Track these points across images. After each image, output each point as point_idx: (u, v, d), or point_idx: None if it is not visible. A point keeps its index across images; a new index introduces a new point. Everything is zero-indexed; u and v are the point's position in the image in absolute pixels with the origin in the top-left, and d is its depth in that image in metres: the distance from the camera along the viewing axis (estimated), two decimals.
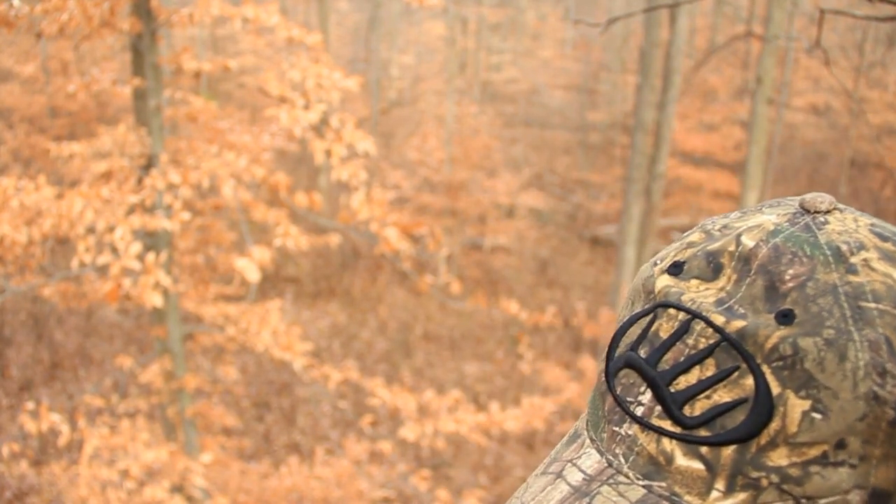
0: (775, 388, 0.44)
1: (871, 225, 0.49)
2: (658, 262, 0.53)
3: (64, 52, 12.66)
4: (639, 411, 0.48)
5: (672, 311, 0.48)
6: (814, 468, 0.44)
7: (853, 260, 0.46)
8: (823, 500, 0.44)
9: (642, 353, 0.49)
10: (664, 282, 0.50)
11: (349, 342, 11.54)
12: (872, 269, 0.46)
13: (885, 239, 0.48)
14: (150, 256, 4.46)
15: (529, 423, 6.38)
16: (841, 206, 0.51)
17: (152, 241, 5.30)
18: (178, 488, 5.23)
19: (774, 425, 0.44)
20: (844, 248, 0.47)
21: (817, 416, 0.43)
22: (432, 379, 10.37)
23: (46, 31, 4.63)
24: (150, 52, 5.20)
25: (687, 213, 14.93)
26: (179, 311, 5.96)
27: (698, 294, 0.48)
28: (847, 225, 0.48)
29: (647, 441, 0.47)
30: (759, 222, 0.50)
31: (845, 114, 16.00)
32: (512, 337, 11.43)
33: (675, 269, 0.50)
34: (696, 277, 0.49)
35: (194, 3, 5.06)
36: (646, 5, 10.88)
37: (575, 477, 0.49)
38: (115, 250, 4.40)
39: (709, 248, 0.50)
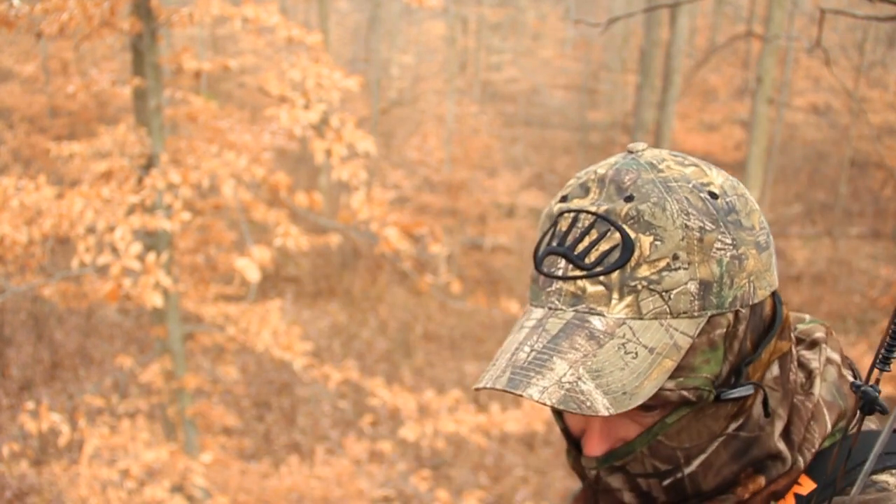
0: (632, 234, 0.74)
1: (669, 151, 0.82)
2: (553, 200, 0.84)
3: (64, 52, 12.65)
4: (559, 273, 0.77)
5: (566, 214, 0.79)
6: (664, 272, 0.74)
7: (660, 166, 0.79)
8: (674, 290, 0.74)
9: (554, 243, 0.79)
10: (557, 207, 0.81)
11: (349, 342, 11.54)
12: (670, 168, 0.78)
13: (675, 156, 0.81)
14: (150, 256, 4.45)
15: (530, 424, 6.38)
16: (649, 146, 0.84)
17: (152, 241, 5.30)
18: (178, 488, 5.23)
19: (636, 254, 0.74)
20: (655, 161, 0.80)
21: (658, 242, 0.74)
22: (432, 379, 10.37)
23: (46, 31, 4.63)
24: (150, 51, 5.20)
25: None
26: (179, 310, 5.95)
27: (579, 203, 0.79)
28: (654, 153, 0.82)
29: (568, 286, 0.76)
30: (605, 162, 0.82)
31: (845, 114, 15.99)
32: None
33: (563, 199, 0.81)
34: (576, 198, 0.80)
35: (194, 3, 5.06)
36: (646, 5, 10.88)
37: (529, 323, 0.78)
38: (115, 250, 4.40)
39: (579, 182, 0.82)
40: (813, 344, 0.89)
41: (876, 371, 0.70)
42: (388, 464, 8.18)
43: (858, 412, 0.71)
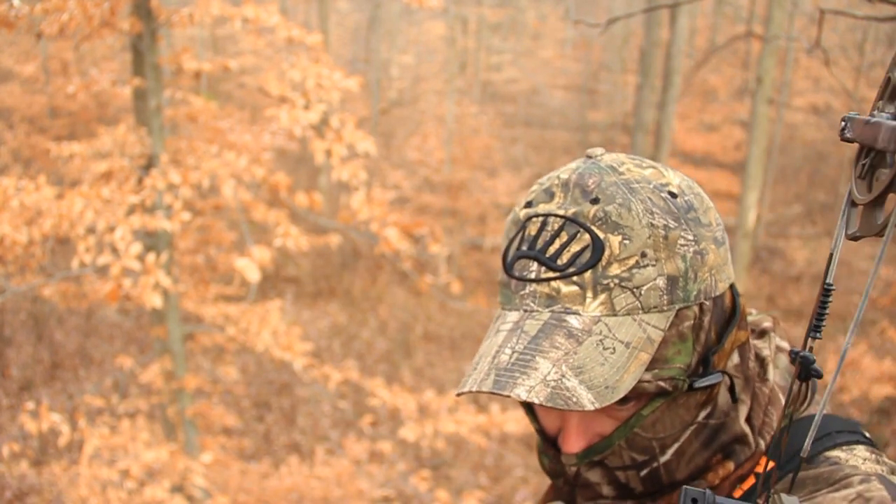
0: (601, 235, 0.77)
1: (626, 155, 0.86)
2: (517, 207, 0.86)
3: (64, 52, 12.65)
4: (532, 275, 0.79)
5: (534, 218, 0.81)
6: (634, 270, 0.76)
7: (621, 169, 0.82)
8: (644, 287, 0.76)
9: (524, 247, 0.81)
10: (524, 212, 0.83)
11: (349, 342, 11.54)
12: (630, 171, 0.82)
13: (633, 159, 0.84)
14: (150, 257, 4.45)
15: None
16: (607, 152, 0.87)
17: (152, 241, 5.30)
18: (178, 488, 5.23)
19: (606, 254, 0.76)
20: (615, 164, 0.83)
21: (627, 241, 0.76)
22: (432, 379, 10.37)
23: (46, 31, 4.63)
24: (151, 52, 5.20)
25: None
26: (179, 311, 5.95)
27: (545, 208, 0.81)
28: (613, 156, 0.84)
29: (542, 288, 0.79)
30: (566, 168, 0.85)
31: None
32: None
33: (528, 204, 0.84)
34: (541, 203, 0.82)
35: (194, 3, 5.06)
36: (646, 5, 10.89)
37: (506, 326, 0.80)
38: (115, 250, 4.40)
39: (543, 187, 0.84)
40: (762, 333, 0.95)
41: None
42: (388, 464, 8.18)
43: (797, 380, 0.74)
